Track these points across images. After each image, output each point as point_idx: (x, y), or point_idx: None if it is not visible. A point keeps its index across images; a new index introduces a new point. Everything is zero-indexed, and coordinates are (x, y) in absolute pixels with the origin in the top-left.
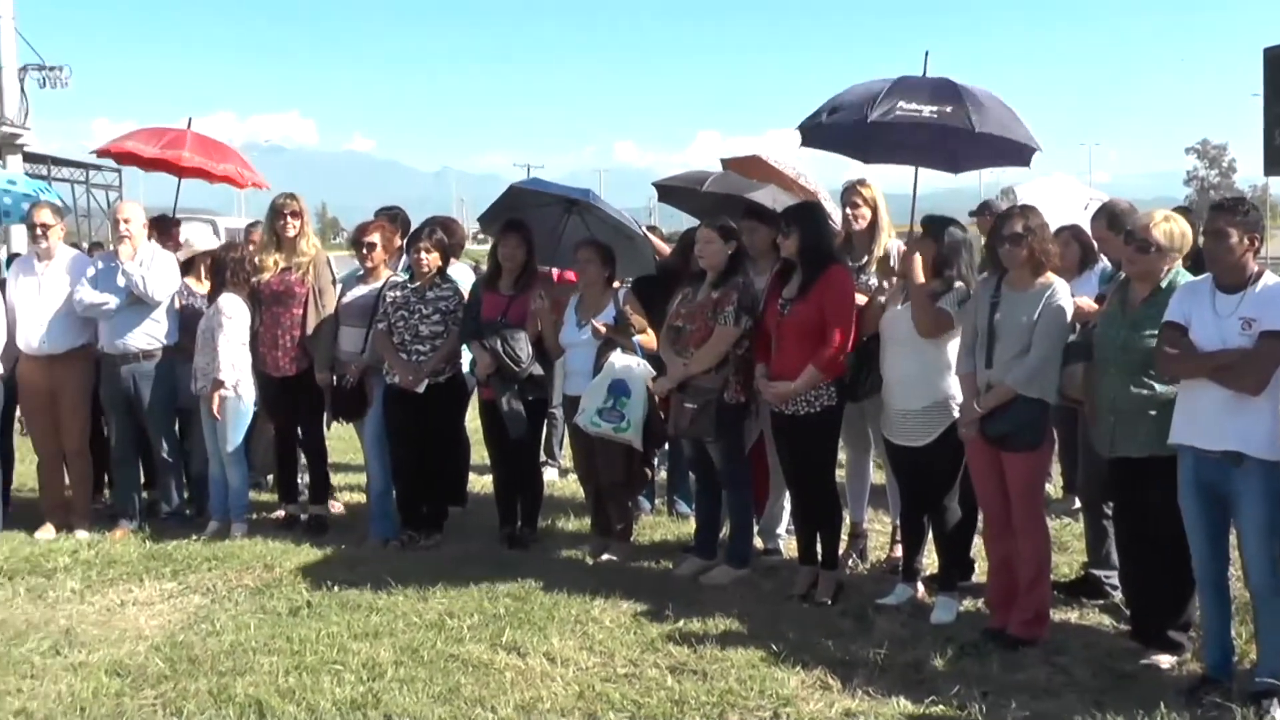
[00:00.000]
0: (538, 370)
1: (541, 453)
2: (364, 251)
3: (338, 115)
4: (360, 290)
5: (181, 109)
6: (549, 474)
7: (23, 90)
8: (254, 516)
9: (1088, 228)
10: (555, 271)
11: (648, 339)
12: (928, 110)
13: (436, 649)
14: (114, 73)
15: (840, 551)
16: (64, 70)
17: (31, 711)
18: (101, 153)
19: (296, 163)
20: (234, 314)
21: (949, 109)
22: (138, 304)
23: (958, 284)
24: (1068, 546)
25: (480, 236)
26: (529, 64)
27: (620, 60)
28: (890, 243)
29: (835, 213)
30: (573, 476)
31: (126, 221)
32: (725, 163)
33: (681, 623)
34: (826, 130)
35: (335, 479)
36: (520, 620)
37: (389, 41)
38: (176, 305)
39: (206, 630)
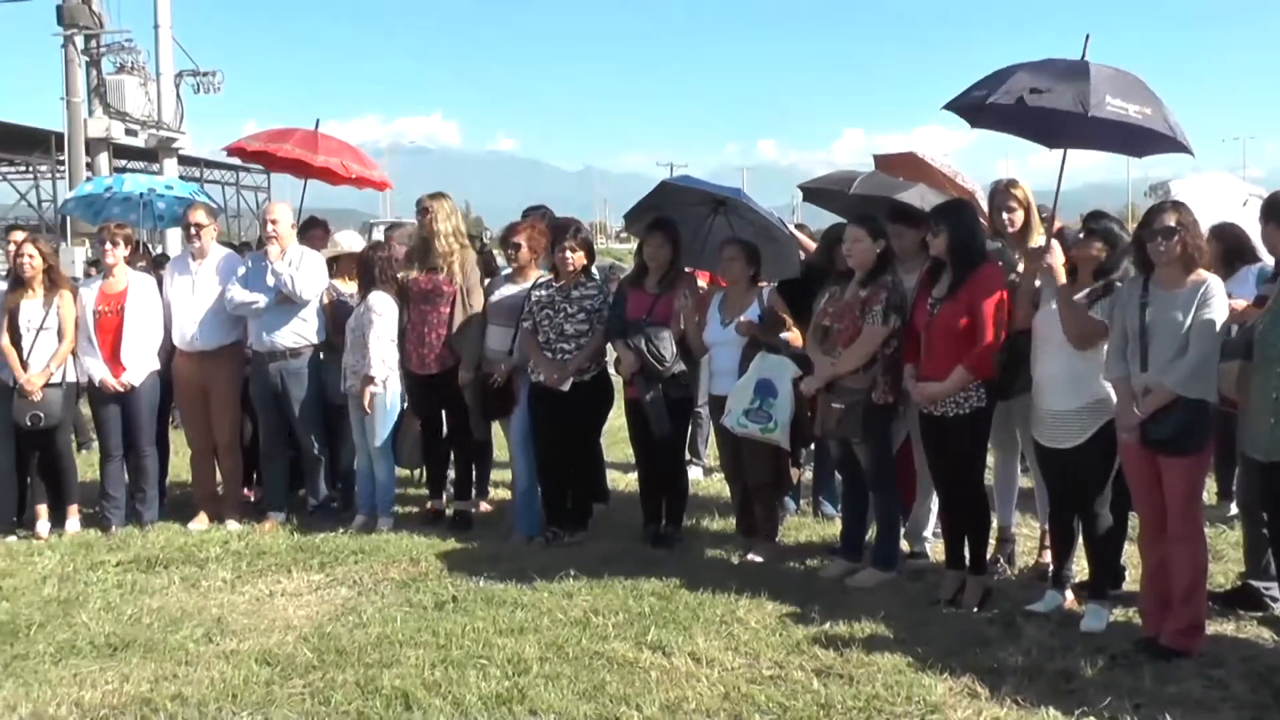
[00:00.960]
0: (681, 369)
1: (686, 451)
2: (510, 252)
3: (481, 116)
4: (508, 290)
5: (327, 112)
6: (694, 473)
7: (178, 95)
8: (400, 511)
9: (1247, 225)
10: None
11: (793, 337)
12: (1133, 109)
13: (581, 646)
14: (264, 77)
15: (988, 556)
16: (217, 75)
17: (187, 696)
18: (228, 150)
19: (441, 163)
20: (384, 311)
21: (1148, 110)
22: (286, 302)
23: (1119, 285)
24: (1223, 555)
25: (624, 235)
26: (672, 63)
27: (764, 58)
28: (1039, 241)
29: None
30: (717, 475)
31: (274, 222)
32: (878, 160)
33: (827, 625)
34: (1027, 112)
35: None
36: (665, 619)
37: (532, 43)
38: (325, 301)
39: (353, 622)
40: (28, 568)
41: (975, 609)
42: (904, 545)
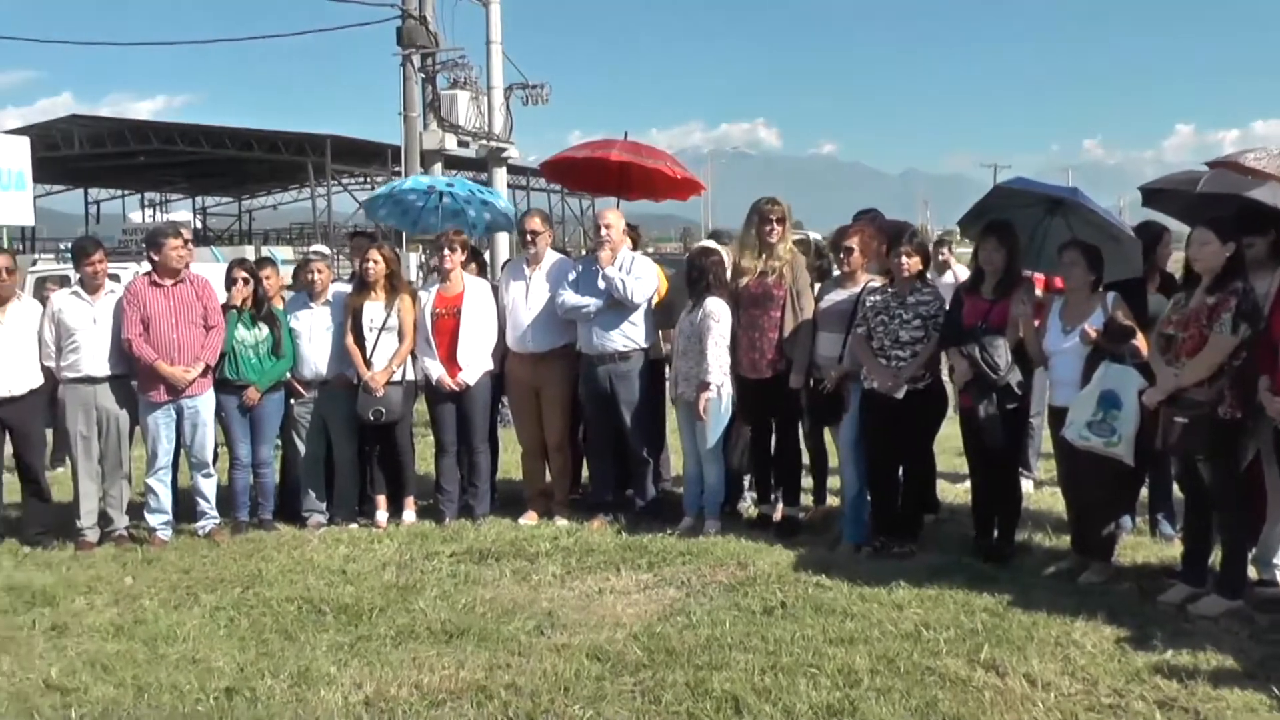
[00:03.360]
0: (1016, 378)
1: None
2: (841, 256)
3: (802, 121)
4: (838, 295)
5: (651, 120)
6: (1024, 485)
7: (508, 108)
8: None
9: None
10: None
11: (1140, 344)
12: None
13: (913, 660)
14: (590, 87)
15: None
16: (545, 88)
17: (520, 686)
18: (544, 173)
19: (762, 168)
20: (721, 316)
21: None
22: (617, 307)
23: None
24: None
25: (946, 239)
26: (992, 62)
27: (1087, 53)
28: None
29: None
30: (1048, 489)
31: (607, 228)
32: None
33: (1169, 654)
34: None
35: (809, 482)
36: (998, 637)
37: (853, 48)
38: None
39: (682, 623)
40: (369, 554)
41: None
42: (1251, 572)
